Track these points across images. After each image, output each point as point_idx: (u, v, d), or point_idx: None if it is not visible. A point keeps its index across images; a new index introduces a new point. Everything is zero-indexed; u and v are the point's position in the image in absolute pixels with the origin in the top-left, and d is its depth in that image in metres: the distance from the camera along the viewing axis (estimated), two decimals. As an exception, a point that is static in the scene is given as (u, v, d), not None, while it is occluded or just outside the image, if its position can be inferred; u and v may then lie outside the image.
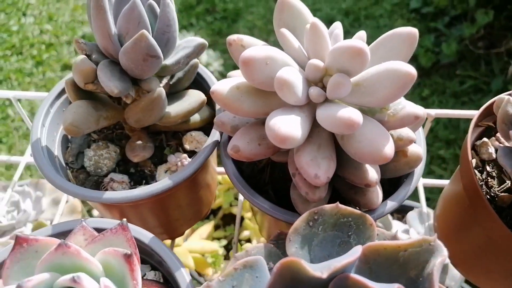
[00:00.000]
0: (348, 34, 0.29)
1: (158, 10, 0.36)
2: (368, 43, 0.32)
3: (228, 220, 0.73)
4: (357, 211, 0.28)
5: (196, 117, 0.42)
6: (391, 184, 0.38)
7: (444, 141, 1.32)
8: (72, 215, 0.67)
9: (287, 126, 0.29)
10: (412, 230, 0.61)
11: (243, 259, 0.26)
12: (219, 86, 0.32)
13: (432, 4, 1.66)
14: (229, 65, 1.54)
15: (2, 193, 0.67)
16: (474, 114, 0.39)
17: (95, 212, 0.76)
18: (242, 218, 0.73)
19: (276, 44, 0.34)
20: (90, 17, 0.36)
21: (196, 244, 0.63)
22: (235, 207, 0.71)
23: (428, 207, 0.65)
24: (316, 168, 0.30)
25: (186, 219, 0.48)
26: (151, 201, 0.40)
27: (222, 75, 1.47)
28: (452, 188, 0.43)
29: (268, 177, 0.41)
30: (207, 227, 0.69)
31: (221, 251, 0.68)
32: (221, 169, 0.57)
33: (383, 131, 0.30)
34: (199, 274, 0.67)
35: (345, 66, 0.30)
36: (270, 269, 0.27)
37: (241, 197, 0.51)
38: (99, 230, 0.34)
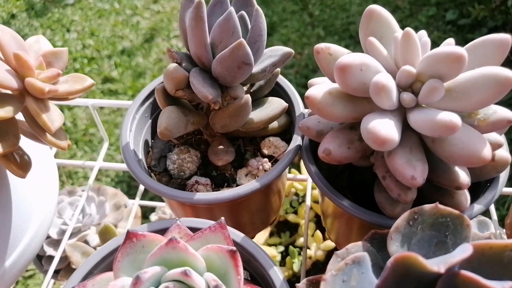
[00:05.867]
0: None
1: (248, 20, 0.38)
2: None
3: (282, 227, 0.74)
4: (455, 211, 0.29)
5: (274, 124, 0.43)
6: (470, 189, 0.38)
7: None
8: (134, 220, 0.70)
9: (386, 128, 0.30)
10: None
11: (352, 255, 0.27)
12: (313, 92, 0.33)
13: (470, 15, 1.65)
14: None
15: (68, 197, 0.70)
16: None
17: (151, 217, 0.78)
18: (297, 225, 0.74)
19: (309, 57, 0.36)
20: (183, 28, 0.38)
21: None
22: (290, 215, 0.72)
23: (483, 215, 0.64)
24: (412, 170, 0.31)
25: (256, 224, 0.49)
26: (226, 205, 0.42)
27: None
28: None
29: (346, 182, 0.42)
30: (263, 234, 0.71)
31: (278, 257, 0.69)
32: (288, 176, 0.59)
33: (478, 134, 0.31)
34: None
35: (439, 72, 0.31)
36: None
37: (308, 202, 0.53)
38: (191, 229, 0.36)
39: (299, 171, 0.74)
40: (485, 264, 0.27)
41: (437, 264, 0.24)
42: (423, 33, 0.35)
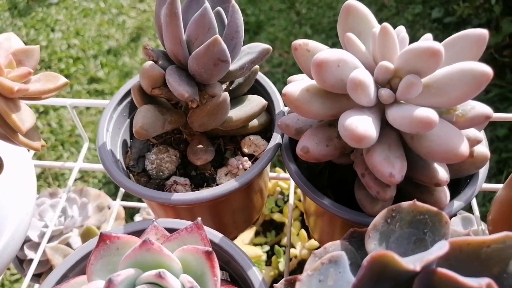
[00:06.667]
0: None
1: (224, 17, 0.37)
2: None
3: (267, 226, 0.74)
4: (434, 208, 0.29)
5: (254, 122, 0.43)
6: (450, 185, 0.38)
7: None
8: (117, 221, 0.68)
9: (363, 125, 0.29)
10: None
11: (329, 254, 0.27)
12: (290, 89, 0.33)
13: (455, 13, 1.66)
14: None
15: (49, 200, 0.69)
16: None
17: (136, 218, 0.77)
18: (283, 224, 0.73)
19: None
20: (158, 25, 0.38)
21: (240, 249, 0.63)
22: (276, 214, 0.72)
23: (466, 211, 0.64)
24: (390, 167, 0.30)
25: (238, 223, 0.49)
26: (207, 204, 0.41)
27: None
28: (508, 193, 0.43)
29: (327, 180, 0.41)
30: (248, 233, 0.70)
31: (264, 256, 0.68)
32: (271, 174, 0.58)
33: (455, 130, 0.30)
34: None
35: (416, 68, 0.31)
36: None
37: (291, 201, 0.52)
38: (169, 230, 0.35)
39: (284, 169, 0.73)
40: (463, 261, 0.27)
41: (413, 262, 0.23)
42: (401, 28, 0.35)
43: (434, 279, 0.25)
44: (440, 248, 0.24)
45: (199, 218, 0.32)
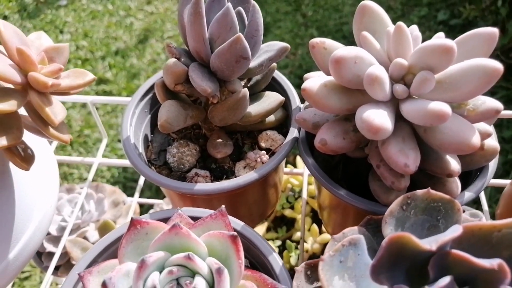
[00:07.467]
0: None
1: (245, 16, 0.39)
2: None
3: (278, 222, 0.75)
4: (447, 196, 0.30)
5: (271, 117, 0.44)
6: (461, 177, 0.40)
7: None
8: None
9: (380, 118, 0.31)
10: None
11: (349, 237, 0.29)
12: (309, 84, 0.35)
13: (461, 16, 1.68)
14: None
15: (66, 195, 0.71)
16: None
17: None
18: (293, 220, 0.75)
19: (303, 57, 0.37)
20: (181, 23, 0.40)
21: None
22: (287, 210, 0.73)
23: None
24: (405, 158, 0.32)
25: (253, 216, 0.50)
26: (225, 195, 0.43)
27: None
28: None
29: (341, 173, 0.43)
30: (260, 229, 0.72)
31: (276, 251, 0.70)
32: (286, 170, 0.60)
33: (467, 123, 0.32)
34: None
35: (430, 64, 0.32)
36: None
37: (304, 195, 0.54)
38: (191, 218, 0.37)
39: (295, 166, 0.75)
40: (474, 245, 0.28)
41: (429, 243, 0.25)
42: (414, 27, 0.36)
43: (448, 260, 0.26)
44: (455, 231, 0.26)
45: (223, 206, 0.33)
